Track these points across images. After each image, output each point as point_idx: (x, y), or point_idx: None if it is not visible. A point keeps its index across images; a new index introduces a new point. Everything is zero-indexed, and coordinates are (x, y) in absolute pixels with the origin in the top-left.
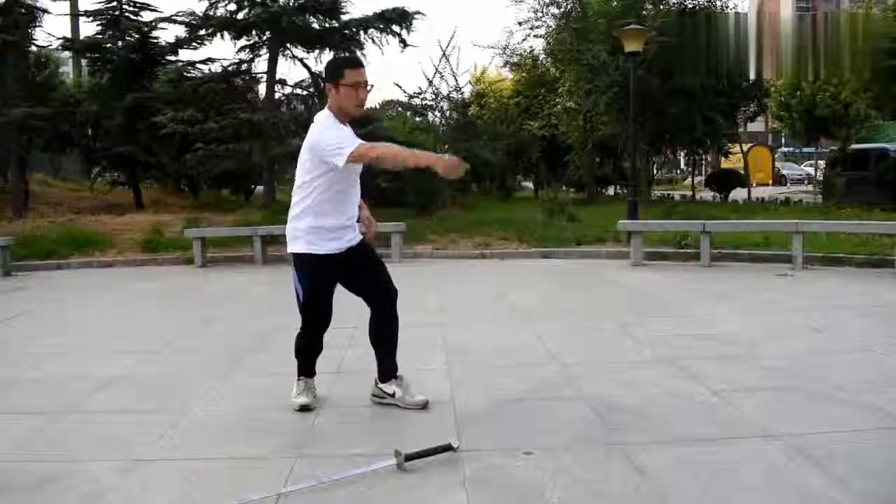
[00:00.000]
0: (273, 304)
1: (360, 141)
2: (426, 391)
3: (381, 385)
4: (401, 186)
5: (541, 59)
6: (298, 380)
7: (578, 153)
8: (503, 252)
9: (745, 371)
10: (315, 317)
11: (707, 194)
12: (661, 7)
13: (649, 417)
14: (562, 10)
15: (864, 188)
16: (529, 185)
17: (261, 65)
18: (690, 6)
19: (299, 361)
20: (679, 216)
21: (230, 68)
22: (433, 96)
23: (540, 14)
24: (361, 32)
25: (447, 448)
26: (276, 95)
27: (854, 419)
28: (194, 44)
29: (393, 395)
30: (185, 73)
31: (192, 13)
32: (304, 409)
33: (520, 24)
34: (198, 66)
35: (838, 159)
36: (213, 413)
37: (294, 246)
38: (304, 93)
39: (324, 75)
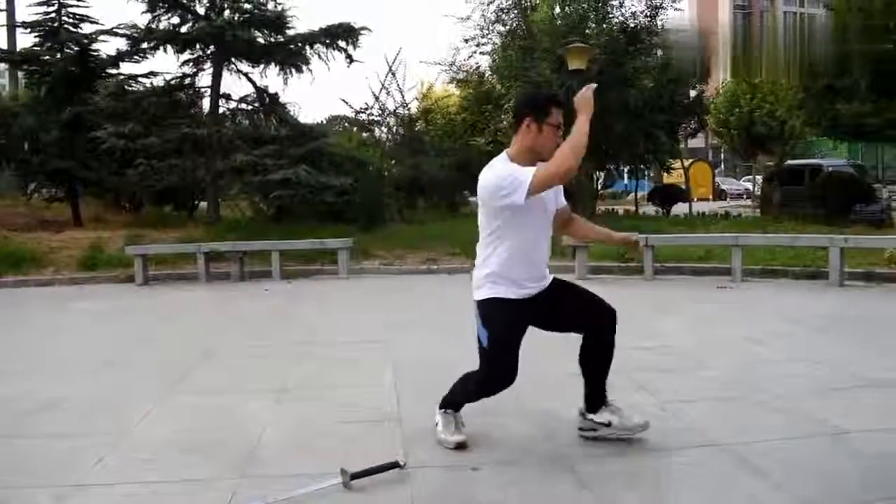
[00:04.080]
0: (215, 323)
1: (534, 169)
2: (372, 408)
3: (591, 416)
4: (348, 201)
5: (487, 75)
6: (446, 412)
7: None
8: (450, 267)
9: (689, 382)
10: (499, 370)
11: (650, 209)
12: (605, 26)
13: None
14: (507, 27)
15: (799, 202)
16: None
17: (205, 79)
18: (633, 25)
19: (451, 398)
20: (623, 231)
21: (173, 82)
22: (380, 112)
23: (486, 31)
24: (307, 47)
25: (394, 465)
26: (221, 110)
27: (793, 427)
28: (136, 57)
29: (609, 425)
30: (126, 87)
31: (135, 26)
32: (461, 446)
33: (466, 41)
34: (140, 79)
35: (775, 174)
36: (152, 435)
37: (477, 294)
38: (250, 107)
39: (520, 108)
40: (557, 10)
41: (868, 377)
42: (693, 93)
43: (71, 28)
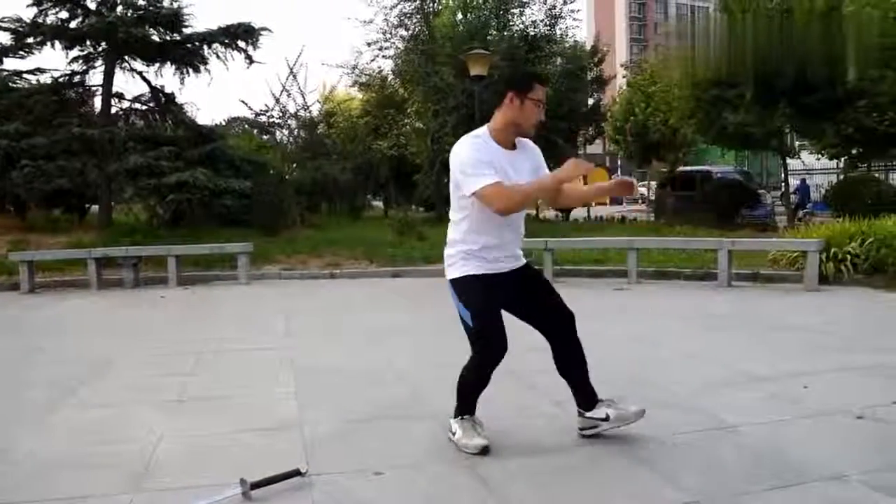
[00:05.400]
0: (108, 332)
1: (491, 181)
2: (274, 416)
3: (588, 414)
4: (247, 204)
5: (389, 79)
6: (463, 419)
7: (427, 173)
8: (353, 272)
9: None
10: (489, 344)
11: (550, 213)
12: (505, 33)
13: (494, 431)
14: (410, 32)
15: (691, 207)
16: (379, 204)
17: (96, 77)
18: (533, 33)
19: (461, 400)
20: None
21: (62, 80)
22: (281, 114)
23: (388, 35)
24: (205, 47)
25: (295, 473)
26: (114, 110)
27: (685, 422)
28: (21, 52)
29: (607, 419)
30: (10, 84)
31: (19, 19)
32: (485, 451)
33: (369, 44)
34: (25, 76)
35: (668, 180)
36: (40, 451)
37: (449, 273)
38: (144, 107)
39: (504, 84)
40: (459, 16)
41: (755, 373)
42: (591, 101)
43: None
